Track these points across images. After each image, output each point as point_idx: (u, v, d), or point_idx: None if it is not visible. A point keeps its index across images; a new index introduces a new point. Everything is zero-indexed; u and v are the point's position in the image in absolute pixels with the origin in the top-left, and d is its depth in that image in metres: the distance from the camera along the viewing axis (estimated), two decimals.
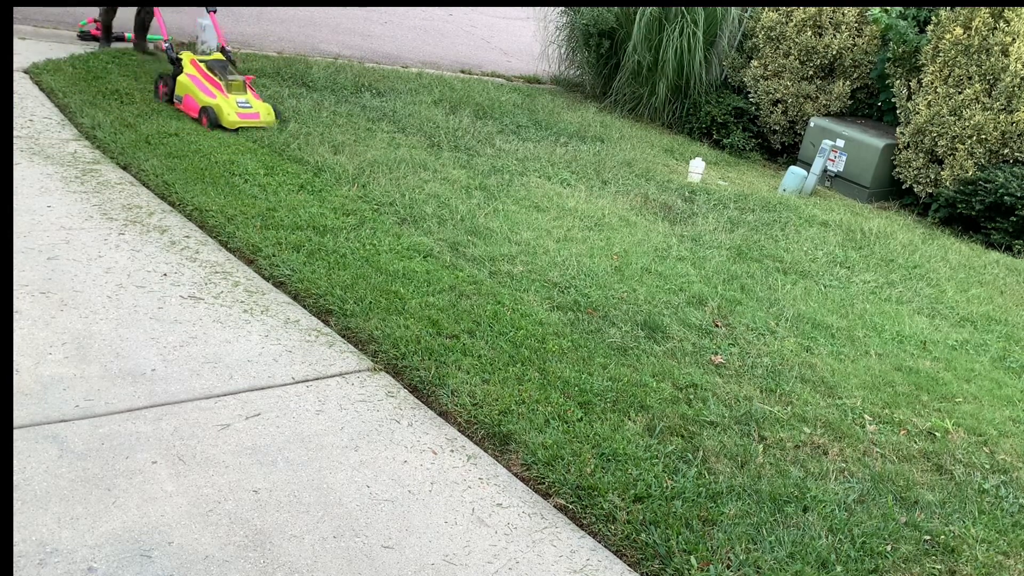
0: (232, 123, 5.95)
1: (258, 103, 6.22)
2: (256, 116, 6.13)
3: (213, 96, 6.03)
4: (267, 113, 6.22)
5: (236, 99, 6.09)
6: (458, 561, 2.47)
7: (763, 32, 9.42)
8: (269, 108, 6.27)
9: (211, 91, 6.06)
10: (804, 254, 5.93)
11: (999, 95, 7.63)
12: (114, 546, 2.28)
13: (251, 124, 6.06)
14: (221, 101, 6.01)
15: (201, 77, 6.16)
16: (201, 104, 6.02)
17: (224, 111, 5.96)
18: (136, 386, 2.97)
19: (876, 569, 2.71)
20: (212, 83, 6.13)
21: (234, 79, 6.21)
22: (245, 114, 6.07)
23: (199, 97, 6.05)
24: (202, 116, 5.99)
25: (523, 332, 3.80)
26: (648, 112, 9.72)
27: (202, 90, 6.06)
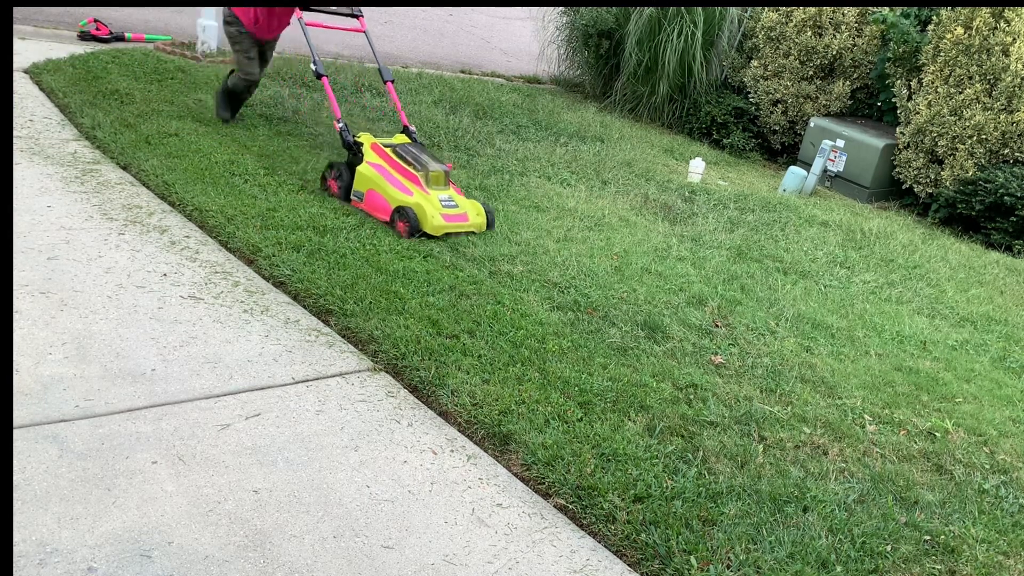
0: (437, 228, 4.69)
1: (464, 200, 4.97)
2: (464, 218, 4.85)
3: (409, 192, 4.77)
4: (476, 213, 4.93)
5: (438, 195, 4.82)
6: (458, 561, 2.47)
7: (763, 32, 9.42)
8: (478, 207, 4.97)
9: (405, 186, 4.81)
10: (804, 254, 5.93)
11: (999, 95, 7.63)
12: (114, 546, 2.28)
13: (459, 229, 4.82)
14: (421, 199, 4.73)
15: (389, 167, 4.93)
16: (394, 203, 4.78)
17: (427, 213, 4.67)
18: (136, 386, 2.97)
19: (876, 569, 2.71)
20: (405, 175, 4.88)
21: (434, 169, 4.93)
22: (451, 216, 4.78)
23: (390, 194, 4.81)
24: (395, 219, 4.75)
25: (523, 332, 3.80)
26: (648, 112, 9.73)
27: (393, 184, 4.83)
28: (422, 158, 5.00)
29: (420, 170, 4.88)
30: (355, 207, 4.96)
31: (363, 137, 5.13)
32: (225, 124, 5.96)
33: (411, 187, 4.80)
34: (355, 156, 5.06)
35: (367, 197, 4.91)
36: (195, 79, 6.93)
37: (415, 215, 4.67)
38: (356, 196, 4.98)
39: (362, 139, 5.11)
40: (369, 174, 4.92)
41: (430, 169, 4.91)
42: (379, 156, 5.00)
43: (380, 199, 4.85)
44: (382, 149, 5.02)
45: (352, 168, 5.04)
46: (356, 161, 5.03)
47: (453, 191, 4.97)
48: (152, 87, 6.53)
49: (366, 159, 5.00)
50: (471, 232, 4.87)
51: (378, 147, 5.03)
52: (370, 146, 5.05)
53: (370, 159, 4.99)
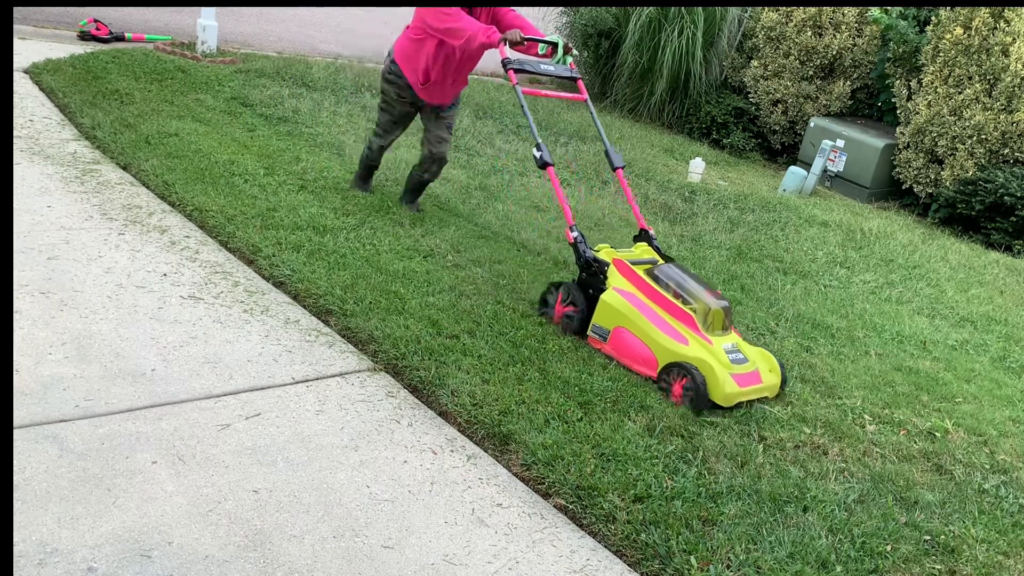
0: (729, 398, 3.45)
1: (751, 349, 3.71)
2: (756, 379, 3.58)
3: (684, 341, 3.54)
4: (769, 369, 3.66)
5: (722, 345, 3.59)
6: (458, 561, 2.47)
7: (763, 32, 9.42)
8: (770, 360, 3.69)
9: (677, 330, 3.58)
10: (804, 254, 5.93)
11: (999, 95, 7.63)
12: (114, 546, 2.28)
13: (754, 396, 3.57)
14: (703, 352, 3.50)
15: (648, 300, 3.67)
16: (665, 357, 3.54)
17: (717, 376, 3.42)
18: (136, 386, 2.97)
19: (876, 569, 2.71)
20: (674, 313, 3.62)
21: (716, 307, 3.64)
22: (744, 376, 3.52)
23: (656, 341, 3.56)
24: (667, 379, 3.51)
25: (523, 332, 3.80)
26: (648, 112, 9.73)
27: (659, 326, 3.59)
28: (692, 286, 3.72)
29: (695, 306, 3.62)
30: (595, 347, 3.77)
31: (603, 252, 3.93)
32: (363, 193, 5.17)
33: (686, 333, 3.57)
34: (594, 278, 3.83)
35: (615, 338, 3.69)
36: (195, 79, 6.93)
37: (703, 378, 3.41)
38: (597, 333, 3.76)
39: (603, 254, 3.91)
40: (619, 307, 3.68)
41: (710, 306, 3.63)
42: (631, 282, 3.75)
43: (638, 345, 3.61)
44: (633, 272, 3.77)
45: (590, 294, 3.83)
46: (596, 285, 3.81)
47: (736, 336, 3.73)
48: (152, 87, 6.53)
49: (611, 284, 3.77)
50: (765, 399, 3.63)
51: (627, 267, 3.79)
52: (615, 265, 3.81)
53: (618, 285, 3.75)
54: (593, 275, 3.84)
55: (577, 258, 3.93)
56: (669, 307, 3.63)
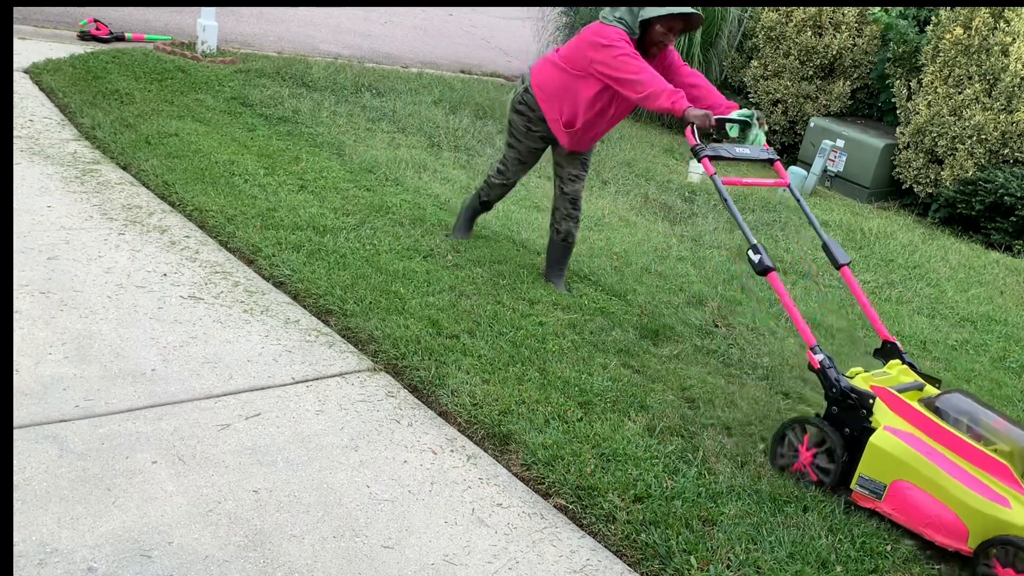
0: None
1: None
2: None
3: (1005, 502, 2.65)
4: None
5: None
6: (458, 561, 2.47)
7: (763, 32, 9.42)
8: None
9: (991, 488, 2.68)
10: (804, 254, 5.93)
11: (999, 95, 7.63)
12: (114, 546, 2.28)
13: None
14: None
15: (940, 445, 2.80)
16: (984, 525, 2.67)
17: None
18: (136, 386, 2.97)
19: (876, 569, 2.71)
20: (979, 461, 2.73)
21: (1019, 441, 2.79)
22: None
23: (964, 502, 2.69)
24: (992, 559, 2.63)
25: (523, 332, 3.80)
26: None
27: (966, 483, 2.71)
28: (995, 423, 2.87)
29: (1011, 451, 2.76)
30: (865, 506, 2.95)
31: (859, 378, 3.08)
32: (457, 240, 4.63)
33: (1002, 490, 2.67)
34: (852, 414, 2.99)
35: (895, 494, 2.85)
36: (195, 79, 6.93)
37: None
38: (867, 489, 2.92)
39: (859, 382, 3.05)
40: (899, 454, 2.83)
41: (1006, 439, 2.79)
42: (910, 420, 2.88)
43: (934, 506, 2.76)
44: (909, 406, 2.90)
45: (846, 433, 3.00)
46: (856, 424, 2.97)
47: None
48: (152, 87, 6.53)
49: (883, 423, 2.91)
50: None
51: (899, 401, 2.92)
52: (883, 398, 2.95)
53: (892, 425, 2.90)
54: (851, 410, 2.98)
55: (828, 387, 3.04)
56: (971, 454, 2.74)
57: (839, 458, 2.97)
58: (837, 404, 3.01)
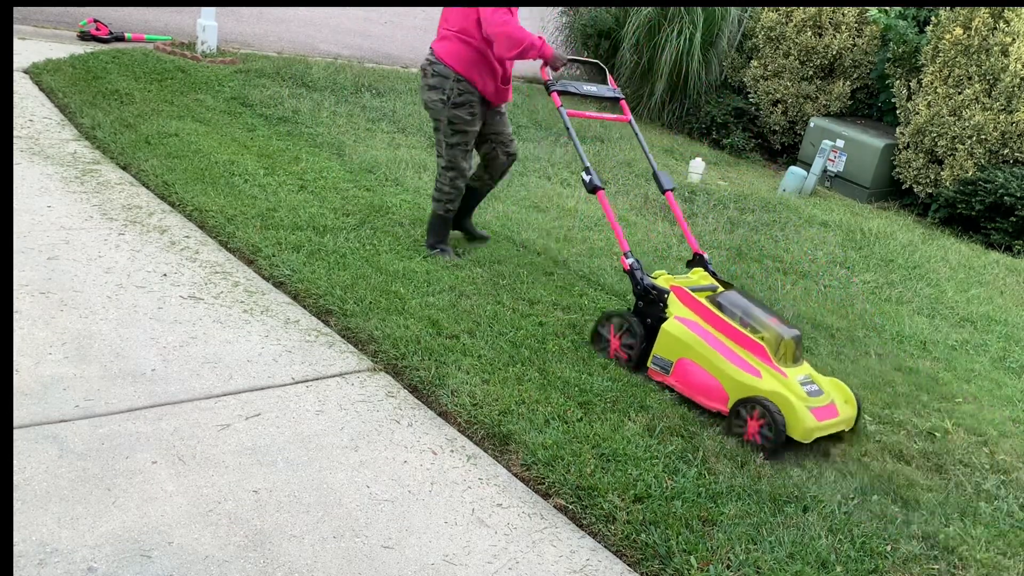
0: (807, 434, 3.24)
1: (824, 380, 3.51)
2: (833, 412, 3.37)
3: (757, 373, 3.33)
4: (844, 401, 3.46)
5: (796, 377, 3.37)
6: (458, 561, 2.47)
7: (763, 32, 9.42)
8: (844, 391, 3.49)
9: (748, 362, 3.36)
10: (804, 254, 5.94)
11: (999, 95, 7.63)
12: (114, 546, 2.28)
13: (832, 429, 3.38)
14: (779, 385, 3.30)
15: (714, 329, 3.46)
16: (737, 391, 3.34)
17: (796, 410, 3.22)
18: (136, 386, 2.97)
19: (876, 569, 2.71)
20: (744, 343, 3.40)
21: (788, 337, 3.43)
22: (820, 409, 3.32)
23: (726, 373, 3.36)
24: (740, 414, 3.30)
25: (523, 332, 3.80)
26: (648, 112, 9.73)
27: (729, 358, 3.38)
28: (760, 315, 3.52)
29: (766, 336, 3.41)
30: (657, 380, 3.58)
31: (661, 279, 3.73)
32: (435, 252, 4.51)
33: (757, 364, 3.36)
34: (653, 307, 3.63)
35: (679, 370, 3.49)
36: (195, 79, 6.93)
37: (779, 413, 3.20)
38: (658, 365, 3.56)
39: (661, 280, 3.71)
40: (683, 337, 3.47)
41: (783, 335, 3.42)
42: (693, 310, 3.53)
43: (706, 378, 3.41)
44: (696, 300, 3.55)
45: (649, 324, 3.64)
46: (656, 315, 3.62)
47: (809, 367, 3.51)
48: (152, 87, 6.53)
49: (673, 313, 3.57)
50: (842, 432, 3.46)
51: (688, 295, 3.57)
52: (674, 293, 3.61)
53: (680, 314, 3.55)
54: (652, 304, 3.62)
55: (634, 286, 3.70)
56: (737, 337, 3.40)
57: (640, 342, 3.62)
58: (641, 299, 3.68)
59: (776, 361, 3.36)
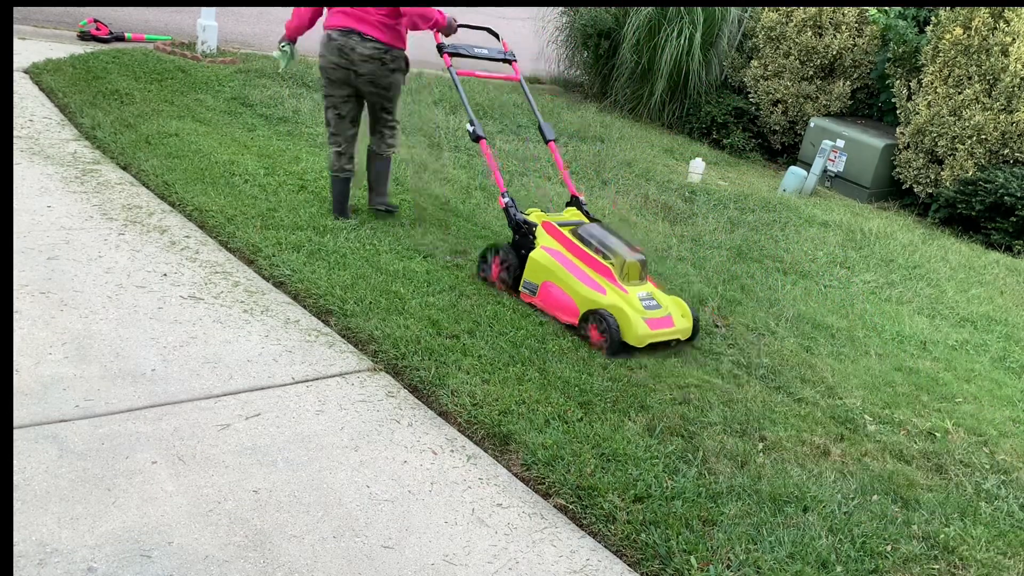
0: (641, 339, 3.79)
1: (665, 297, 4.07)
2: (669, 323, 3.94)
3: (602, 291, 3.89)
4: (681, 315, 4.01)
5: (637, 294, 3.94)
6: (458, 561, 2.47)
7: (763, 32, 9.42)
8: (683, 306, 4.04)
9: (596, 281, 3.93)
10: (804, 254, 5.93)
11: (999, 95, 7.63)
12: (114, 546, 2.28)
13: (666, 337, 3.93)
14: (619, 300, 3.85)
15: (572, 255, 4.04)
16: (585, 304, 3.89)
17: (631, 319, 3.78)
18: (136, 386, 2.97)
19: (876, 569, 2.71)
20: (594, 266, 3.98)
21: (631, 260, 4.01)
22: (656, 320, 3.88)
23: (578, 291, 3.92)
24: (587, 325, 3.86)
25: (523, 332, 3.80)
26: (648, 112, 9.73)
27: (581, 279, 3.95)
28: (612, 243, 4.08)
29: (612, 260, 3.98)
30: (527, 302, 4.11)
31: (534, 215, 4.28)
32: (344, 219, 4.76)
33: (603, 283, 3.91)
34: (524, 239, 4.17)
35: (543, 292, 4.03)
36: (195, 79, 6.93)
37: (615, 322, 3.76)
38: (527, 288, 4.10)
39: (533, 217, 4.25)
40: (546, 263, 4.02)
41: (626, 259, 3.99)
42: (557, 240, 4.08)
43: (562, 296, 3.95)
44: (560, 231, 4.11)
45: (521, 254, 4.16)
46: (526, 245, 4.15)
47: (651, 286, 4.09)
48: (152, 87, 6.54)
49: (540, 243, 4.12)
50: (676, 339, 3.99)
51: (554, 228, 4.12)
52: (543, 226, 4.16)
53: (545, 243, 4.10)
54: (524, 236, 4.19)
55: (509, 221, 4.28)
56: (591, 262, 3.99)
57: (514, 269, 4.15)
58: (516, 232, 4.21)
59: (620, 280, 3.93)
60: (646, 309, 3.88)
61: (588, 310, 3.86)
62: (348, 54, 4.50)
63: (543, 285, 4.03)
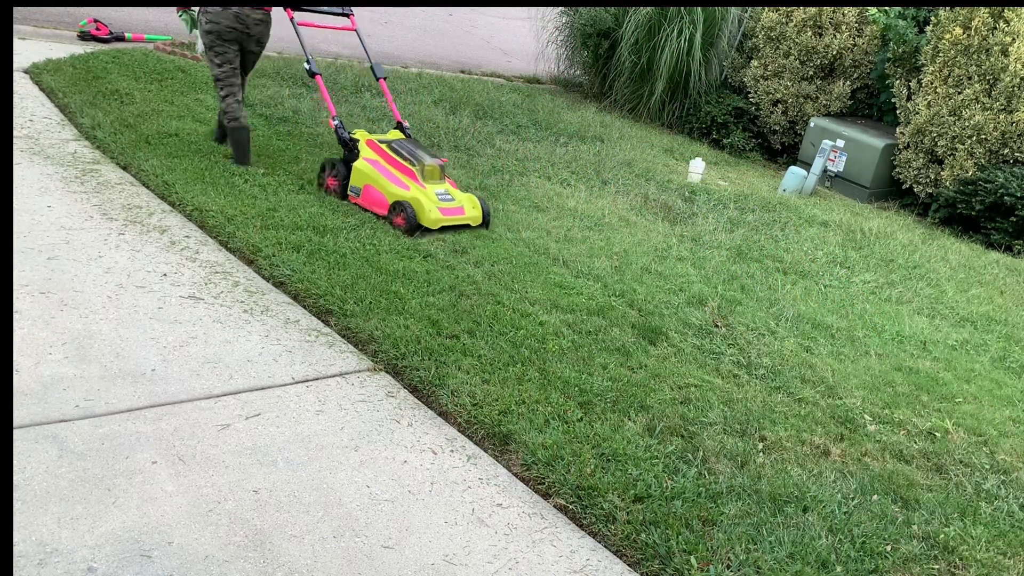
0: (434, 222, 4.78)
1: (459, 194, 5.07)
2: (460, 211, 4.95)
3: (406, 187, 4.85)
4: (472, 207, 5.02)
5: (434, 190, 4.91)
6: (458, 561, 2.47)
7: (763, 32, 9.42)
8: (474, 200, 5.06)
9: (402, 180, 4.89)
10: (804, 254, 5.93)
11: (999, 95, 7.63)
12: (114, 546, 2.28)
13: (455, 222, 4.91)
14: (418, 193, 4.82)
15: (386, 163, 5.01)
16: (392, 198, 4.84)
17: (424, 207, 4.75)
18: (136, 386, 2.97)
19: (876, 569, 2.71)
20: (401, 169, 4.96)
21: (430, 164, 5.00)
22: (448, 209, 4.88)
23: (387, 189, 4.86)
24: (394, 214, 4.81)
25: (523, 332, 3.80)
26: (648, 112, 9.73)
27: (390, 179, 4.90)
28: (417, 153, 5.06)
29: (416, 164, 4.96)
30: (353, 203, 5.02)
31: (358, 133, 5.19)
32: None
33: (407, 182, 4.89)
34: (351, 153, 5.10)
35: (364, 193, 4.97)
36: (195, 79, 6.93)
37: (413, 210, 4.75)
38: (353, 192, 5.03)
39: (357, 135, 5.16)
40: (366, 170, 4.97)
41: (425, 163, 4.97)
42: (375, 152, 5.06)
43: (377, 194, 4.91)
44: (378, 145, 5.08)
45: (348, 165, 5.08)
46: (352, 158, 5.07)
47: (449, 185, 5.06)
48: (152, 87, 6.54)
49: (362, 155, 5.05)
50: (467, 225, 4.98)
51: (373, 143, 5.09)
52: (366, 142, 5.10)
53: (366, 155, 5.05)
54: (350, 151, 5.11)
55: (339, 139, 5.18)
56: (399, 166, 4.97)
57: (343, 178, 5.08)
58: (344, 148, 5.15)
59: (421, 180, 4.92)
60: (440, 201, 4.87)
61: (394, 202, 4.82)
62: (244, 19, 5.21)
63: (365, 188, 4.97)
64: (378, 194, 4.91)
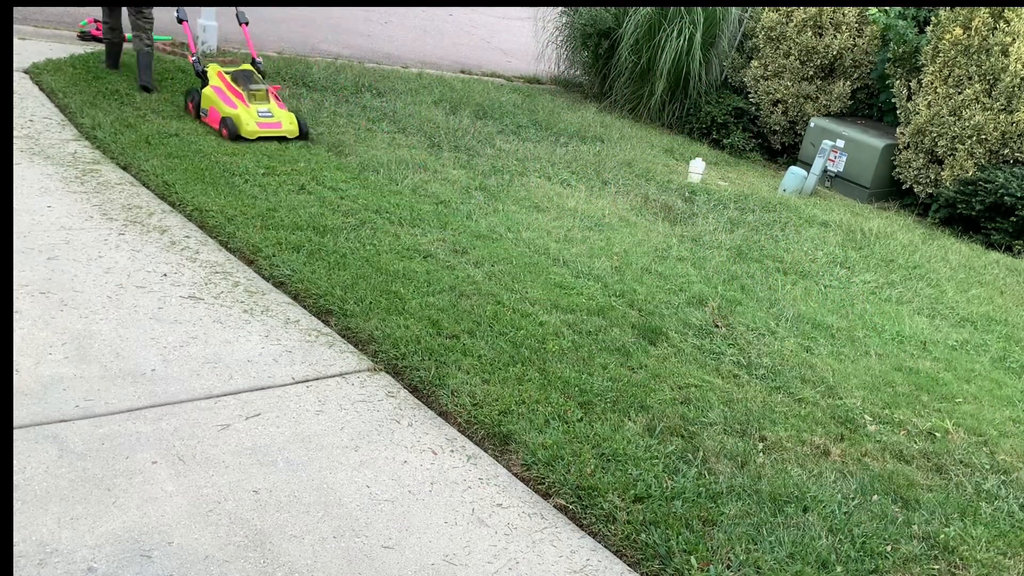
0: (251, 133, 5.81)
1: (281, 112, 6.07)
2: (277, 125, 5.97)
3: (234, 106, 5.90)
4: (289, 122, 6.04)
5: (257, 109, 5.95)
6: (458, 561, 2.47)
7: (763, 32, 9.42)
8: (292, 118, 6.08)
9: (232, 101, 5.93)
10: (804, 254, 5.93)
11: (999, 95, 7.63)
12: (114, 546, 2.28)
13: (271, 134, 5.92)
14: (241, 111, 5.86)
15: (225, 88, 6.03)
16: (222, 115, 5.87)
17: (243, 121, 5.80)
18: (136, 386, 2.97)
19: (876, 569, 2.71)
20: (235, 93, 6.00)
21: (256, 88, 6.08)
22: (265, 123, 5.91)
23: (221, 108, 5.90)
24: (222, 127, 5.85)
25: (523, 332, 3.80)
26: (648, 112, 9.73)
27: (224, 101, 5.93)
28: (250, 79, 6.18)
29: (245, 89, 6.07)
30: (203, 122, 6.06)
31: (211, 67, 6.23)
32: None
33: (236, 101, 5.94)
34: (204, 81, 6.14)
35: (210, 112, 6.00)
36: (195, 79, 6.92)
37: (233, 124, 5.80)
38: (203, 113, 6.07)
39: (209, 68, 6.21)
40: (210, 94, 6.02)
41: (250, 88, 6.09)
42: (220, 80, 6.10)
43: (215, 113, 5.95)
44: (223, 75, 6.14)
45: (200, 92, 6.13)
46: (204, 85, 6.13)
47: (274, 105, 6.10)
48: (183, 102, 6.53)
49: (211, 83, 6.09)
50: (285, 137, 6.00)
51: (220, 74, 6.15)
52: (215, 73, 6.16)
53: (213, 83, 6.08)
54: (203, 80, 6.15)
55: (195, 71, 6.24)
56: (232, 90, 6.02)
57: (196, 102, 6.12)
58: (199, 78, 6.26)
59: (247, 100, 5.97)
60: (260, 116, 5.92)
61: (222, 117, 5.86)
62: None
63: (210, 109, 5.99)
64: (215, 113, 5.94)
